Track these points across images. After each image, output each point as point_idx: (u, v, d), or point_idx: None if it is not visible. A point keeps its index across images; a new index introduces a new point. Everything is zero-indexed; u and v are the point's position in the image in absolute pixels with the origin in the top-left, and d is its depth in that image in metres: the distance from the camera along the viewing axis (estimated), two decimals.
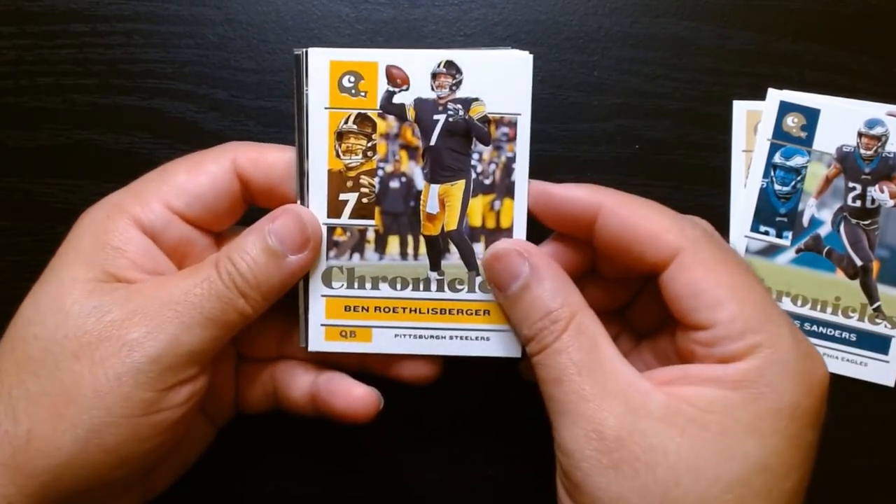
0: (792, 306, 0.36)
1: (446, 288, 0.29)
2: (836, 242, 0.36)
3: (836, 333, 0.36)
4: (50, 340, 0.25)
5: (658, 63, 0.36)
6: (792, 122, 0.35)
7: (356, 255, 0.29)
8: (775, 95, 0.35)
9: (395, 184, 0.29)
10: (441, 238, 0.29)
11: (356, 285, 0.29)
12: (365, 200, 0.29)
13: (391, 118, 0.29)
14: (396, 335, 0.29)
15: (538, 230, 0.29)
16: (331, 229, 0.29)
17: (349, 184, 0.29)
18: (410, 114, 0.29)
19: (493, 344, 0.29)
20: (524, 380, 0.32)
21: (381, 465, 0.36)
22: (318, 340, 0.30)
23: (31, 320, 0.26)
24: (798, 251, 0.36)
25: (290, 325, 0.31)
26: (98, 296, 0.26)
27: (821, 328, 0.36)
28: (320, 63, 0.28)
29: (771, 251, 0.36)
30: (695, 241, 0.26)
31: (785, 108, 0.35)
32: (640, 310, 0.32)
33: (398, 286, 0.29)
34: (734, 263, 0.26)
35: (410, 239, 0.29)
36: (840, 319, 0.36)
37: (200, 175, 0.28)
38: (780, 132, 0.35)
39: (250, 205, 0.30)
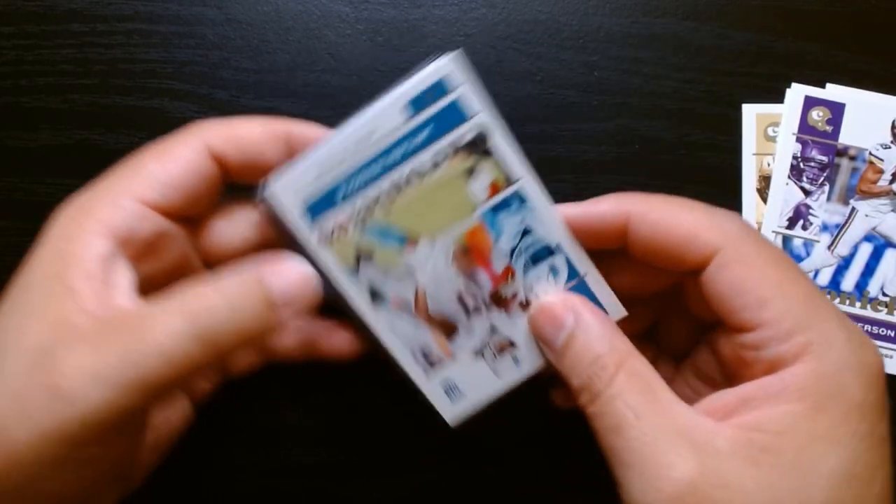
0: None
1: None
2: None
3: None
4: None
5: (658, 63, 0.36)
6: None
7: None
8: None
9: None
10: None
11: None
12: None
13: None
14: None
15: None
16: None
17: None
18: None
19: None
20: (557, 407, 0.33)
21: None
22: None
23: None
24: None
25: None
26: (46, 333, 0.23)
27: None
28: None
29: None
30: (733, 237, 0.25)
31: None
32: (671, 330, 0.31)
33: None
34: (776, 258, 0.25)
35: None
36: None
37: (172, 162, 0.26)
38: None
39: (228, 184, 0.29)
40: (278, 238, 0.28)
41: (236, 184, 0.29)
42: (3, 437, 0.22)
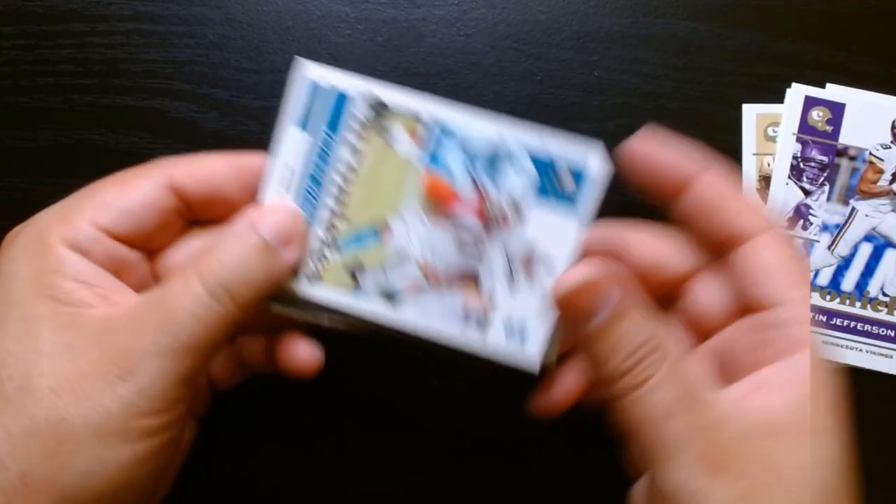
0: None
1: None
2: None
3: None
4: (24, 379, 0.24)
5: (658, 63, 0.36)
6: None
7: None
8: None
9: None
10: None
11: None
12: None
13: None
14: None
15: None
16: None
17: None
18: None
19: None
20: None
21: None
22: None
23: (3, 362, 0.24)
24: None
25: None
26: (67, 332, 0.25)
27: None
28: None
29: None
30: (779, 229, 0.27)
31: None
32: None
33: None
34: (801, 261, 0.27)
35: None
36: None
37: (130, 191, 0.27)
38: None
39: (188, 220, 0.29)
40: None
41: (200, 220, 0.29)
42: (65, 429, 0.24)
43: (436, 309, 0.28)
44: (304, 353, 0.29)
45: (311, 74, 0.28)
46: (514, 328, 0.28)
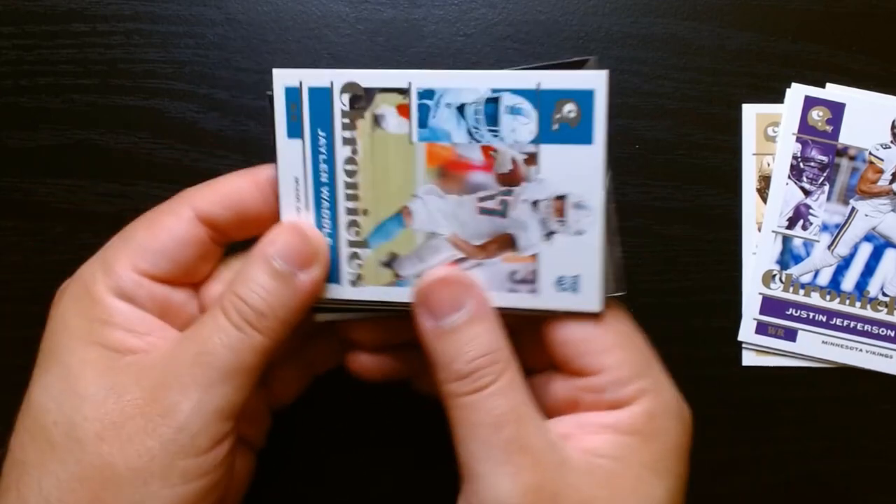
0: None
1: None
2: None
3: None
4: (70, 426, 0.24)
5: (658, 63, 0.36)
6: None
7: None
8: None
9: None
10: None
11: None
12: None
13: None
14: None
15: None
16: None
17: None
18: None
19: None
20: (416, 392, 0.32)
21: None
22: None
23: (46, 408, 0.25)
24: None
25: None
26: (110, 375, 0.25)
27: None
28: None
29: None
30: None
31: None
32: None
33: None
34: (615, 323, 0.27)
35: None
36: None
37: (160, 231, 0.27)
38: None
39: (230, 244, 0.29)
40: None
41: (235, 242, 0.29)
42: (110, 472, 0.24)
43: (482, 279, 0.27)
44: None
45: (285, 81, 0.27)
46: (566, 277, 0.27)
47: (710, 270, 0.36)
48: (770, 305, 0.36)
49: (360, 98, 0.27)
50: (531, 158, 0.26)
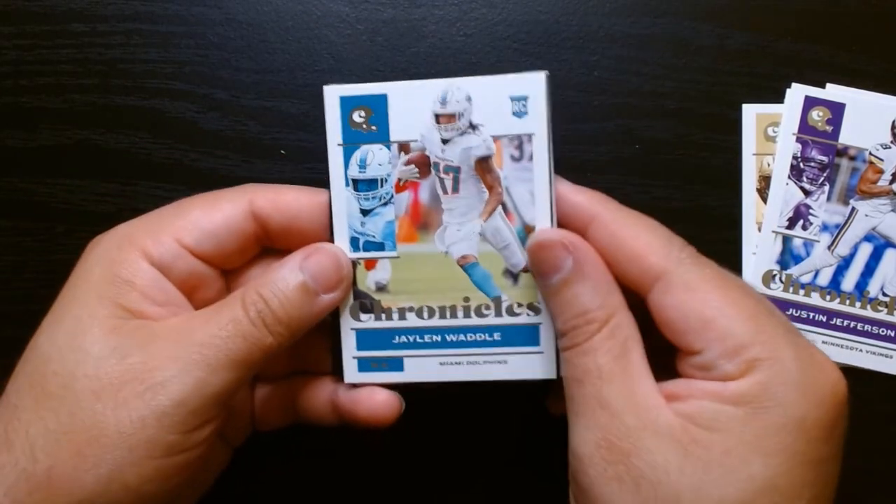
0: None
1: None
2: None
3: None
4: (69, 378, 0.25)
5: (658, 63, 0.36)
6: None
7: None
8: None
9: None
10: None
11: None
12: None
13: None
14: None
15: None
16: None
17: None
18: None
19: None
20: (552, 415, 0.32)
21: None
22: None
23: (49, 357, 0.25)
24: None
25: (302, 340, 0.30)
26: (118, 335, 0.25)
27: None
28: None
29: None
30: (680, 262, 0.26)
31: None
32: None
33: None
34: (722, 279, 0.26)
35: None
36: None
37: (216, 212, 0.28)
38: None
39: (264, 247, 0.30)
40: None
41: (274, 248, 0.30)
42: (98, 431, 0.24)
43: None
44: (380, 398, 0.30)
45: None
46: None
47: None
48: None
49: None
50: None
